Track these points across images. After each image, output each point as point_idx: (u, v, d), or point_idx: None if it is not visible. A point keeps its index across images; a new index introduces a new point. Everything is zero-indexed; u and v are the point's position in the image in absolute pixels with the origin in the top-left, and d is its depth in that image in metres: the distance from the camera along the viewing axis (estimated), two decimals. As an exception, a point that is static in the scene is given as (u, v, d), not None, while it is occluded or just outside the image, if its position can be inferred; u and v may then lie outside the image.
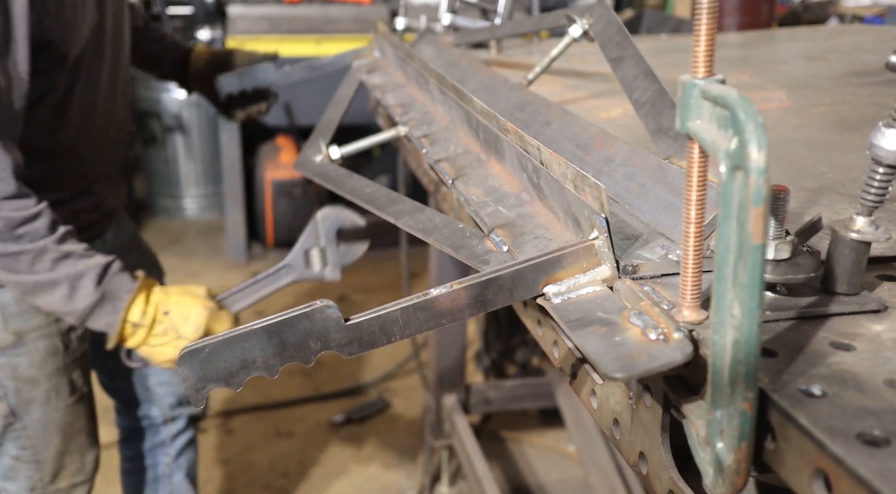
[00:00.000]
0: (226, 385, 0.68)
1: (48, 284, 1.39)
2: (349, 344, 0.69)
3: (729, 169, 0.48)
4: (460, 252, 0.88)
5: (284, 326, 0.67)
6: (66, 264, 1.39)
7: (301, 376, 3.62)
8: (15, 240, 1.34)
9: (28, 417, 1.65)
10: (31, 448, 1.68)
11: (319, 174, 1.35)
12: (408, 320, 0.69)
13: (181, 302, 1.48)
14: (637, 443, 0.70)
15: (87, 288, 1.40)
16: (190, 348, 0.66)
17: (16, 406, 1.63)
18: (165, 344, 1.46)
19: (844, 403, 0.51)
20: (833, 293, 0.65)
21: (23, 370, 1.61)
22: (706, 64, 0.52)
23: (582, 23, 1.29)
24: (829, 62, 1.82)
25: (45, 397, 1.65)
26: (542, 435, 3.17)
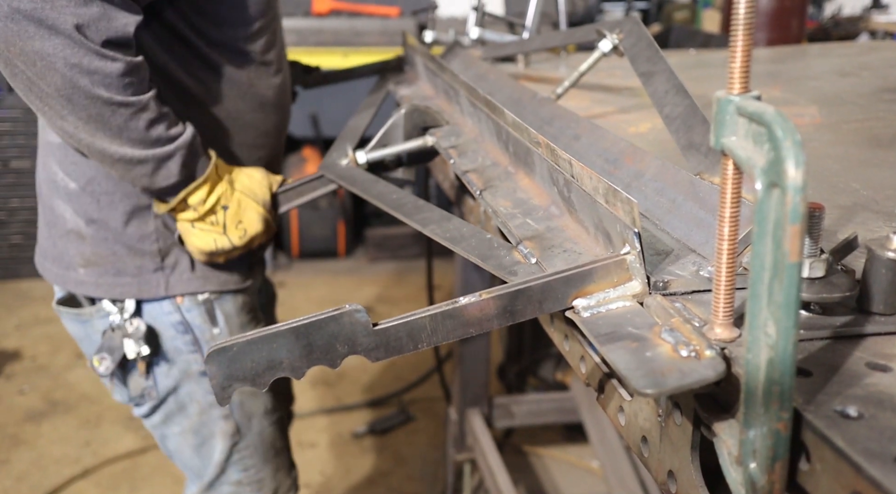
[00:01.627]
0: (252, 384, 0.68)
1: (133, 161, 1.29)
2: (376, 349, 0.69)
3: (765, 186, 0.48)
4: (488, 262, 0.87)
5: (312, 328, 0.67)
6: (158, 132, 1.28)
7: (324, 387, 3.63)
8: (123, 89, 1.23)
9: (249, 433, 1.63)
10: (252, 467, 1.65)
11: (345, 177, 1.35)
12: (436, 327, 0.69)
13: (243, 202, 1.41)
14: (666, 462, 0.69)
15: (171, 171, 1.32)
16: (218, 346, 0.66)
17: (241, 422, 1.61)
18: (207, 233, 1.40)
19: (882, 425, 0.50)
20: (869, 312, 0.64)
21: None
22: (742, 80, 0.52)
23: (612, 38, 1.29)
24: (861, 78, 1.80)
25: (263, 408, 1.63)
26: (565, 450, 3.15)
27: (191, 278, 1.49)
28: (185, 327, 1.51)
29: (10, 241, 4.69)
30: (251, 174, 1.46)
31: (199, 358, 1.53)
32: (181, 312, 1.50)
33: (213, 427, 1.59)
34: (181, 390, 1.55)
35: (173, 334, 1.50)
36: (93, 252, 1.45)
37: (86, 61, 1.17)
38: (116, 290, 1.46)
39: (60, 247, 1.48)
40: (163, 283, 1.47)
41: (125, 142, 1.27)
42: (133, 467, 3.05)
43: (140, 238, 1.44)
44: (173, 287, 1.48)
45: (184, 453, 1.62)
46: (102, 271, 1.46)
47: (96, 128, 1.24)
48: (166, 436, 1.61)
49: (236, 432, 1.60)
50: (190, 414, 1.57)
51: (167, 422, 1.59)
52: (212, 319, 1.53)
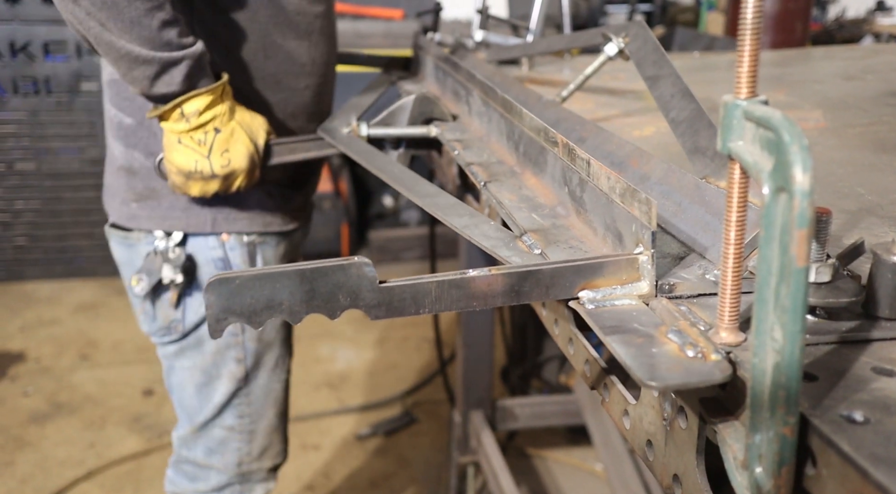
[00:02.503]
0: (247, 321, 0.67)
1: (138, 60, 1.27)
2: (377, 307, 0.68)
3: (772, 191, 0.48)
4: (489, 242, 0.87)
5: (318, 274, 0.66)
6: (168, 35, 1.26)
7: (328, 389, 3.63)
8: None
9: (255, 383, 1.64)
10: (248, 416, 1.66)
11: (345, 144, 1.35)
12: (441, 294, 0.69)
13: (236, 132, 1.38)
14: (671, 465, 0.69)
15: (174, 78, 1.30)
16: (221, 276, 0.65)
17: (250, 369, 1.63)
18: (190, 151, 1.36)
19: (888, 430, 0.50)
20: (875, 317, 0.64)
21: (266, 332, 1.62)
22: (749, 84, 0.52)
23: (618, 41, 1.29)
24: (866, 82, 1.80)
25: (273, 363, 1.65)
26: (568, 453, 3.15)
27: (238, 217, 1.54)
28: (225, 264, 1.55)
29: (15, 243, 4.70)
30: (254, 115, 1.44)
31: None
32: (224, 249, 1.54)
33: (222, 368, 1.61)
34: (204, 326, 1.57)
35: (212, 270, 1.54)
36: (145, 186, 1.50)
37: None
38: (167, 223, 1.51)
39: (114, 182, 1.55)
40: (209, 220, 1.52)
41: (134, 38, 1.25)
42: (137, 469, 3.05)
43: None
44: (220, 224, 1.53)
45: (185, 389, 1.64)
46: (155, 205, 1.51)
47: (108, 17, 1.22)
48: (174, 368, 1.64)
49: (244, 377, 1.62)
50: (205, 352, 1.60)
51: (180, 355, 1.62)
52: (252, 261, 1.56)
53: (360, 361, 3.89)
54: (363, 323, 4.23)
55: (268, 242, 1.59)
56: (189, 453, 1.71)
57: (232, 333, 1.59)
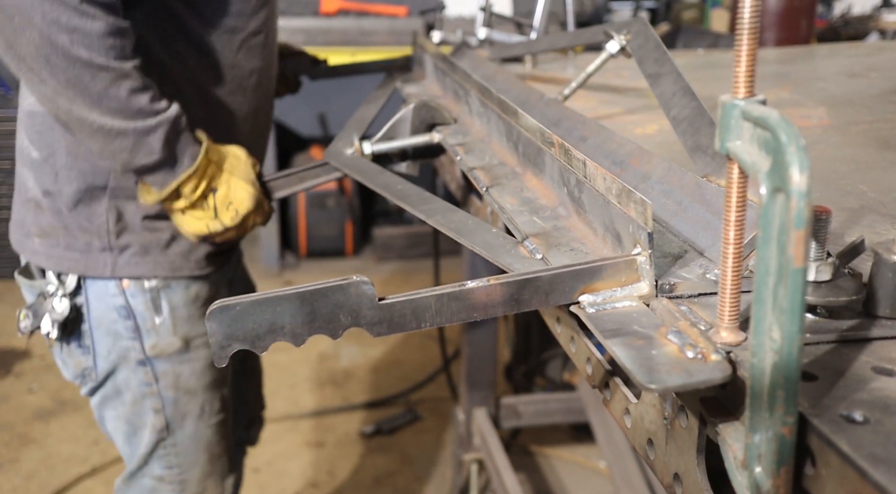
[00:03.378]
0: (251, 346, 0.67)
1: (112, 133, 1.25)
2: (379, 324, 0.69)
3: (769, 191, 0.48)
4: (492, 252, 0.87)
5: (318, 296, 0.67)
6: (139, 103, 1.24)
7: (331, 386, 3.63)
8: (104, 51, 1.18)
9: (181, 432, 1.57)
10: (177, 466, 1.60)
11: (350, 166, 1.35)
12: (441, 308, 0.69)
13: (232, 183, 1.39)
14: (672, 464, 0.69)
15: (153, 147, 1.27)
16: (221, 304, 0.66)
17: (171, 419, 1.56)
18: (199, 219, 1.39)
19: (887, 430, 0.50)
20: (875, 316, 0.64)
21: (185, 379, 1.54)
22: (747, 84, 0.52)
23: (620, 39, 1.29)
24: (870, 79, 1.80)
25: (199, 410, 1.58)
26: (572, 451, 3.15)
27: (140, 262, 1.45)
28: (128, 312, 1.47)
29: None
30: (237, 153, 1.43)
31: (138, 345, 1.49)
32: (125, 296, 1.46)
33: (144, 417, 1.55)
34: (118, 375, 1.52)
35: (115, 317, 1.47)
36: (47, 223, 1.44)
37: (64, 18, 1.14)
38: (64, 264, 1.44)
39: (22, 213, 1.48)
40: (109, 263, 1.44)
41: (105, 110, 1.23)
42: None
43: (90, 216, 1.42)
44: (120, 268, 1.44)
45: (117, 438, 1.60)
46: (54, 243, 1.44)
47: (76, 93, 1.21)
48: (104, 418, 1.59)
49: (165, 428, 1.56)
50: (125, 401, 1.54)
51: (104, 405, 1.57)
52: (156, 307, 1.48)
53: (363, 358, 3.89)
54: (367, 320, 4.23)
55: (173, 287, 1.49)
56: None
57: (145, 383, 1.52)
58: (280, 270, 4.87)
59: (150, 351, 1.50)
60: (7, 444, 3.20)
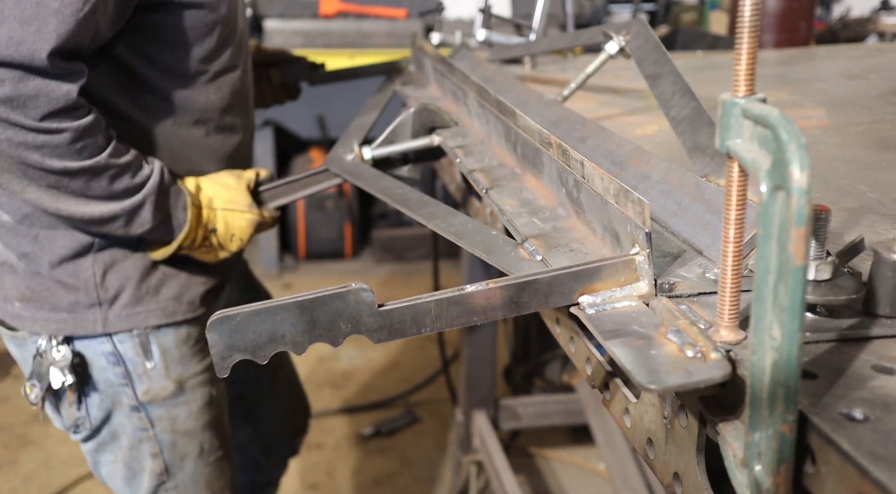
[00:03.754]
0: (252, 356, 0.67)
1: (104, 219, 1.27)
2: (379, 330, 0.69)
3: (770, 189, 0.48)
4: (492, 256, 0.87)
5: (317, 304, 0.67)
6: (123, 184, 1.25)
7: (330, 388, 3.63)
8: (76, 155, 1.19)
9: (181, 473, 1.54)
10: None
11: (350, 172, 1.35)
12: (440, 313, 0.69)
13: (228, 219, 1.40)
14: (672, 463, 0.69)
15: (145, 218, 1.29)
16: (221, 315, 0.66)
17: (170, 462, 1.52)
18: (208, 253, 1.42)
19: (887, 428, 0.50)
20: (875, 315, 0.64)
21: (181, 421, 1.50)
22: (747, 82, 0.52)
23: (619, 40, 1.29)
24: (869, 81, 1.80)
25: (198, 450, 1.54)
26: (571, 452, 3.15)
27: (131, 313, 1.42)
28: (117, 359, 1.44)
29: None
30: (224, 183, 1.42)
31: (130, 391, 1.46)
32: (113, 343, 1.43)
33: (142, 462, 1.52)
34: (113, 421, 1.49)
35: (104, 364, 1.44)
36: (27, 286, 1.40)
37: (30, 138, 1.15)
38: (52, 326, 1.40)
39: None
40: (100, 319, 1.41)
41: (91, 200, 1.24)
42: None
43: (76, 271, 1.38)
44: (112, 323, 1.41)
45: (115, 482, 1.56)
46: (38, 306, 1.40)
47: (58, 195, 1.22)
48: (99, 463, 1.55)
49: (164, 472, 1.52)
50: (122, 446, 1.51)
51: (100, 450, 1.53)
52: (146, 352, 1.45)
53: (363, 360, 3.89)
54: (366, 322, 4.23)
55: (163, 330, 1.46)
56: None
57: (141, 428, 1.49)
58: (279, 272, 4.87)
59: (142, 397, 1.46)
60: (6, 446, 3.20)
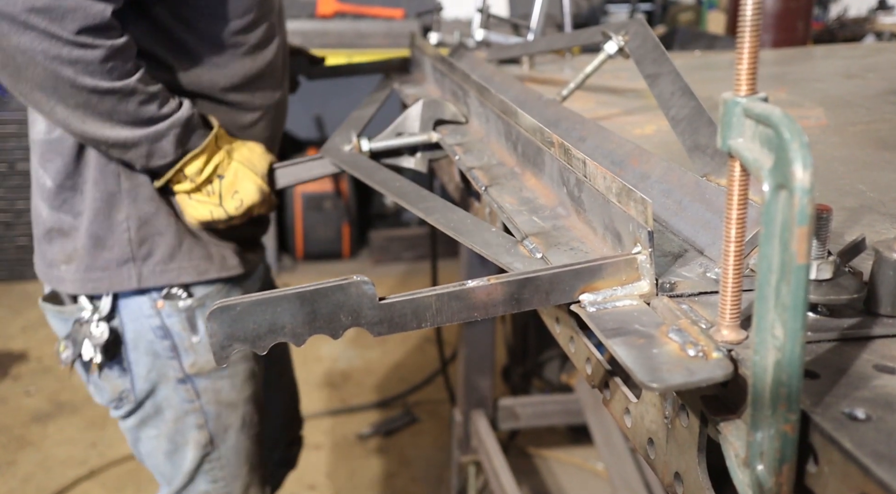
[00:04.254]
0: (252, 346, 0.67)
1: (127, 145, 1.29)
2: (379, 324, 0.68)
3: (772, 187, 0.48)
4: (491, 252, 0.87)
5: (318, 295, 0.67)
6: (150, 112, 1.28)
7: (329, 388, 3.63)
8: (106, 74, 1.21)
9: (224, 445, 1.58)
10: (222, 480, 1.61)
11: (347, 162, 1.35)
12: (441, 307, 0.69)
13: (239, 172, 1.41)
14: (672, 463, 0.69)
15: (167, 150, 1.32)
16: (221, 304, 0.66)
17: (215, 433, 1.57)
18: (204, 204, 1.41)
19: (890, 427, 0.50)
20: (876, 314, 0.64)
21: (226, 393, 1.56)
22: (749, 82, 0.52)
23: (618, 39, 1.29)
24: (867, 80, 1.80)
25: (240, 422, 1.59)
26: (570, 453, 3.15)
27: (164, 270, 1.45)
28: (165, 332, 1.48)
29: (16, 243, 4.71)
30: (252, 147, 1.45)
31: (177, 364, 1.50)
32: (161, 317, 1.47)
33: (186, 435, 1.56)
34: (158, 394, 1.53)
35: (152, 338, 1.48)
36: (69, 247, 1.44)
37: (65, 52, 1.17)
38: (89, 285, 1.44)
39: (43, 245, 1.49)
40: (134, 275, 1.44)
41: (116, 124, 1.26)
42: (139, 468, 3.05)
43: (109, 229, 1.42)
44: (146, 278, 1.44)
45: (156, 458, 1.60)
46: (76, 267, 1.44)
47: (85, 116, 1.24)
48: (139, 439, 1.59)
49: (209, 443, 1.57)
50: (166, 420, 1.55)
51: (142, 426, 1.56)
52: (192, 327, 1.50)
53: (361, 361, 3.89)
54: (364, 322, 4.23)
55: (207, 304, 1.50)
56: None
57: (188, 400, 1.54)
58: (277, 273, 4.87)
59: (189, 369, 1.51)
60: (4, 447, 3.19)
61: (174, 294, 1.48)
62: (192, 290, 1.50)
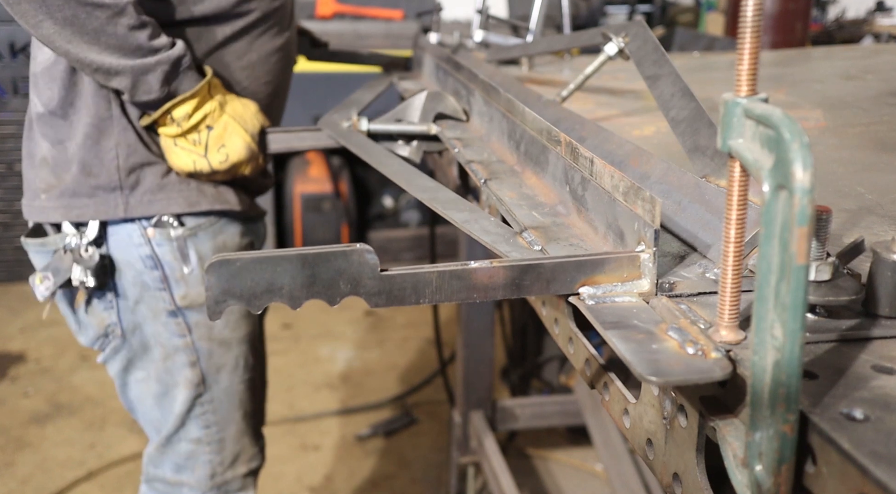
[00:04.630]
0: (247, 304, 0.66)
1: (111, 72, 1.26)
2: (378, 295, 0.68)
3: (772, 188, 0.48)
4: (490, 238, 0.87)
5: (320, 259, 0.66)
6: (138, 40, 1.24)
7: (327, 389, 3.63)
8: None
9: (216, 386, 1.52)
10: (215, 424, 1.54)
11: (344, 137, 1.35)
12: (441, 285, 0.69)
13: (229, 126, 1.38)
14: (671, 464, 0.69)
15: (152, 86, 1.28)
16: (221, 258, 0.65)
17: (207, 372, 1.50)
18: (188, 152, 1.36)
19: (888, 427, 0.50)
20: (875, 316, 0.64)
21: (218, 330, 1.49)
22: (749, 82, 0.52)
23: (618, 41, 1.29)
24: (866, 82, 1.80)
25: (234, 363, 1.53)
26: (569, 454, 3.15)
27: (152, 199, 1.40)
28: (155, 262, 1.42)
29: (14, 244, 4.70)
30: (246, 103, 1.42)
31: (168, 296, 1.45)
32: (151, 246, 1.42)
33: (176, 374, 1.49)
34: (146, 329, 1.47)
35: (141, 268, 1.42)
36: (54, 175, 1.40)
37: None
38: (73, 212, 1.39)
39: (31, 177, 1.45)
40: (121, 203, 1.39)
41: (103, 48, 1.23)
42: (137, 469, 3.04)
43: (97, 156, 1.37)
44: (133, 208, 1.39)
45: (144, 403, 1.54)
46: (60, 193, 1.40)
47: (73, 33, 1.21)
48: (127, 384, 1.53)
49: (201, 382, 1.51)
50: (154, 358, 1.49)
51: (129, 368, 1.51)
52: (183, 257, 1.44)
53: (360, 362, 3.89)
54: (363, 323, 4.23)
55: (200, 236, 1.44)
56: (157, 471, 1.60)
57: (178, 335, 1.47)
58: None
59: (180, 301, 1.45)
60: (2, 448, 3.19)
61: (165, 222, 1.42)
62: (184, 219, 1.44)
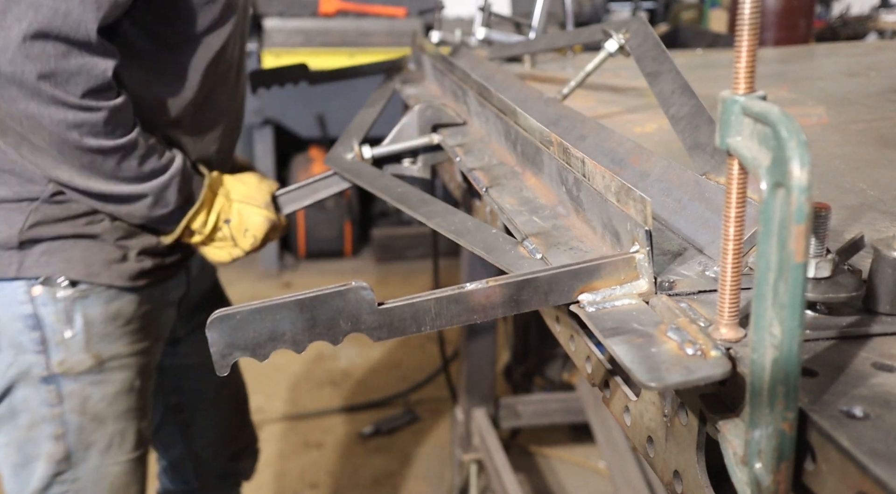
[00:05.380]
0: (252, 355, 0.67)
1: (132, 198, 1.31)
2: (379, 328, 0.69)
3: (770, 186, 0.48)
4: (492, 254, 0.87)
5: (317, 302, 0.67)
6: (151, 165, 1.29)
7: (330, 387, 3.63)
8: (110, 134, 1.23)
9: (83, 466, 1.39)
10: None
11: (350, 171, 1.36)
12: (440, 311, 0.69)
13: (243, 211, 1.43)
14: (672, 462, 0.69)
15: (169, 200, 1.33)
16: (221, 314, 0.66)
17: (74, 449, 1.38)
18: (221, 249, 1.45)
19: (888, 425, 0.50)
20: (875, 313, 0.64)
21: (93, 403, 1.38)
22: (747, 80, 0.52)
23: (618, 38, 1.29)
24: (869, 78, 1.80)
25: (107, 442, 1.41)
26: (571, 451, 3.15)
27: (49, 261, 1.33)
28: (35, 322, 1.33)
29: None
30: (246, 180, 1.47)
31: (44, 360, 1.34)
32: (34, 305, 1.33)
33: (39, 446, 1.37)
34: (16, 393, 1.37)
35: (20, 328, 1.33)
36: None
37: (70, 116, 1.19)
38: None
39: None
40: (15, 262, 1.32)
41: (121, 181, 1.29)
42: (140, 466, 3.05)
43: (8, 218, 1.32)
44: (28, 268, 1.32)
45: (3, 470, 1.42)
46: None
47: (90, 175, 1.27)
48: None
49: (65, 459, 1.38)
50: (19, 425, 1.37)
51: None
52: (68, 319, 1.34)
53: (362, 359, 3.89)
54: (366, 321, 4.23)
55: (91, 299, 1.36)
56: None
57: (48, 404, 1.36)
58: (279, 271, 4.87)
59: (56, 368, 1.35)
60: None
61: (54, 281, 1.34)
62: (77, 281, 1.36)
